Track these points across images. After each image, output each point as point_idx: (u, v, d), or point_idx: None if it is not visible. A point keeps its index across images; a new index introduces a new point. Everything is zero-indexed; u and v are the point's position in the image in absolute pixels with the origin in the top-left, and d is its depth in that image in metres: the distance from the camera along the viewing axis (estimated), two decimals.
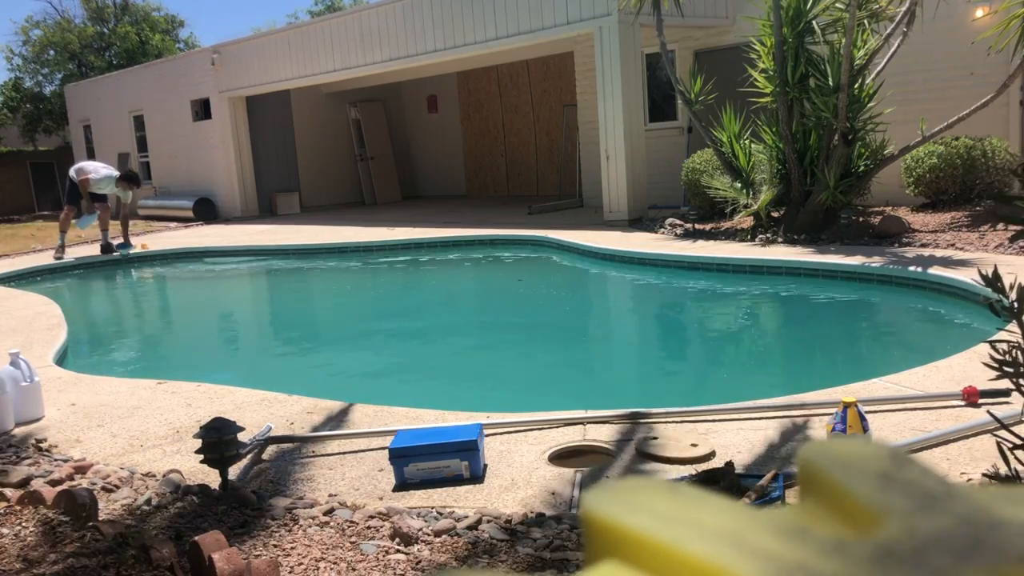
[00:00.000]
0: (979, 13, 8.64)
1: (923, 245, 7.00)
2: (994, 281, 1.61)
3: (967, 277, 5.56)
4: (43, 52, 26.47)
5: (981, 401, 3.15)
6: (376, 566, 2.19)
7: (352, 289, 9.15)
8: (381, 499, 2.69)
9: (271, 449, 3.21)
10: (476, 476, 2.79)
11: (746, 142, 8.55)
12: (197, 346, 6.76)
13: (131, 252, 11.00)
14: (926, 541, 0.24)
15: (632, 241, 8.58)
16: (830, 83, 7.48)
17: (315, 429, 3.39)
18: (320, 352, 6.23)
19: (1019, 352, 1.68)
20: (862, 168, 7.81)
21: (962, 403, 3.19)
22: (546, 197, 14.76)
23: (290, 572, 2.17)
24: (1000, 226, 7.33)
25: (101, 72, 23.59)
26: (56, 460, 3.23)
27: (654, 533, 0.24)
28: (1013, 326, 1.68)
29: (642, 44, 10.58)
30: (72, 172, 10.61)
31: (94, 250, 11.26)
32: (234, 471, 2.88)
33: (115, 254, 10.89)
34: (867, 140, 7.81)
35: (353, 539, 2.35)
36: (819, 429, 3.03)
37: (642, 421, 3.23)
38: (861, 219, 8.10)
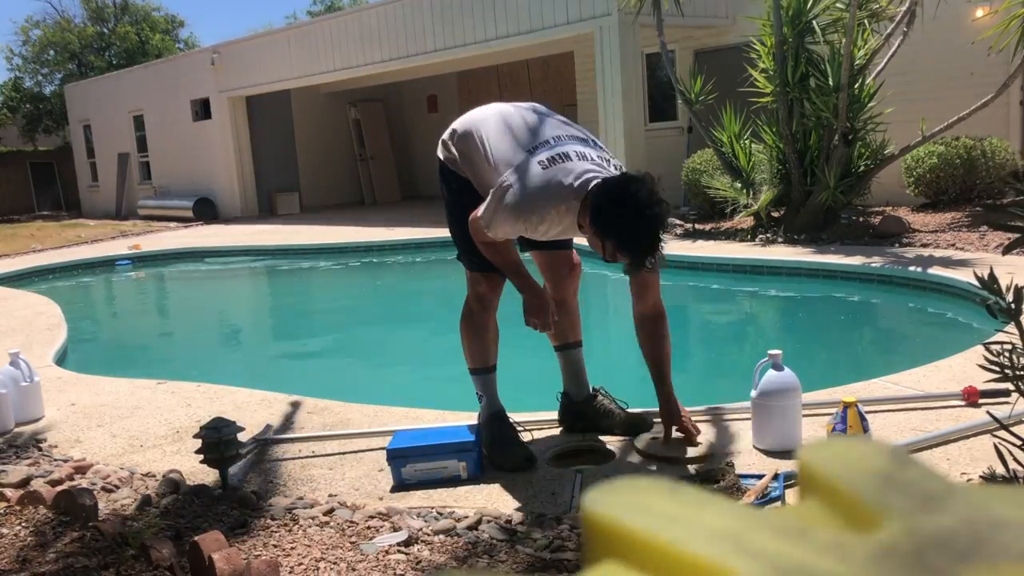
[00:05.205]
0: (979, 13, 8.64)
1: (923, 245, 7.00)
2: (990, 283, 1.61)
3: (967, 277, 5.56)
4: (43, 52, 26.50)
5: (981, 401, 3.15)
6: (376, 566, 2.19)
7: (352, 289, 9.16)
8: (381, 499, 2.69)
9: (271, 449, 3.21)
10: (475, 477, 2.78)
11: (746, 142, 8.55)
12: (197, 346, 6.76)
13: None
14: (926, 541, 0.24)
15: None
16: (830, 83, 7.48)
17: (315, 429, 3.39)
18: (320, 352, 6.23)
19: (1015, 354, 1.68)
20: (862, 168, 7.81)
21: (962, 403, 3.19)
22: None
23: (290, 572, 2.17)
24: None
25: (101, 72, 23.60)
26: (56, 460, 3.23)
27: (654, 533, 0.24)
28: (1012, 327, 1.68)
29: (642, 44, 10.58)
30: None
31: (96, 250, 11.25)
32: (234, 471, 2.88)
33: None
34: (867, 140, 7.81)
35: (353, 539, 2.35)
36: (819, 429, 3.03)
37: None
38: (861, 219, 8.10)
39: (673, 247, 8.04)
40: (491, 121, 2.77)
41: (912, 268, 6.12)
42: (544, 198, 2.54)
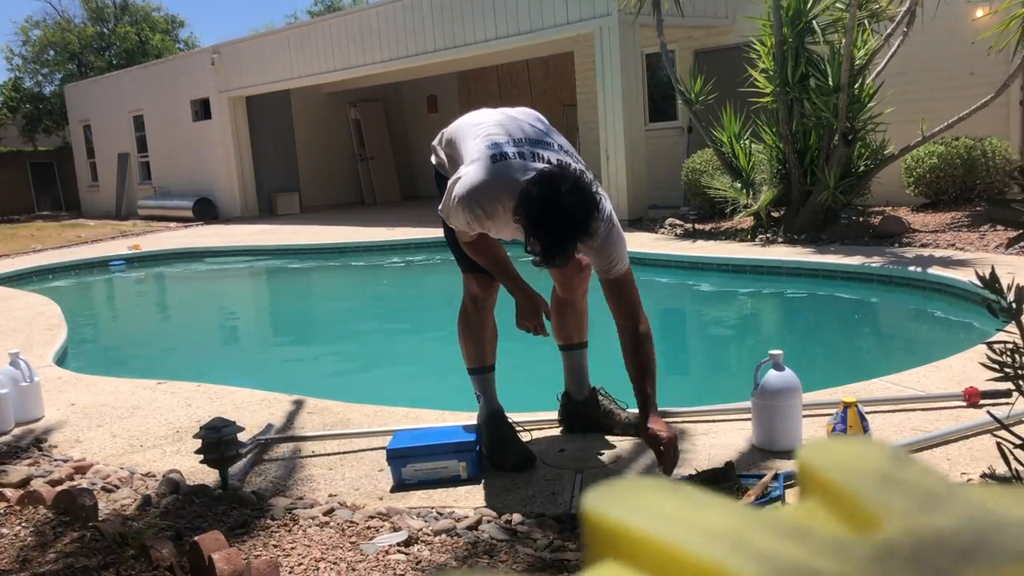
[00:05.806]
0: (979, 13, 8.64)
1: (923, 245, 7.00)
2: (991, 282, 1.61)
3: (967, 277, 5.56)
4: (43, 52, 26.50)
5: (982, 402, 3.15)
6: (376, 566, 2.19)
7: (352, 289, 9.15)
8: (381, 499, 2.69)
9: (271, 449, 3.21)
10: (475, 477, 2.78)
11: (746, 142, 8.55)
12: (197, 346, 6.76)
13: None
14: (926, 541, 0.24)
15: (632, 241, 8.53)
16: (830, 83, 7.48)
17: (315, 429, 3.39)
18: (320, 352, 6.23)
19: (1017, 354, 1.69)
20: (862, 168, 7.81)
21: (963, 404, 3.19)
22: None
23: (290, 572, 2.17)
24: (1000, 226, 7.34)
25: (101, 72, 23.60)
26: (56, 460, 3.23)
27: (654, 533, 0.24)
28: (1012, 327, 1.68)
29: (642, 44, 10.58)
30: None
31: (96, 251, 11.25)
32: (234, 471, 2.88)
33: None
34: (867, 140, 7.81)
35: (353, 539, 2.35)
36: (819, 429, 3.03)
37: None
38: (861, 219, 8.10)
39: (673, 247, 8.04)
40: (469, 125, 2.79)
41: (912, 268, 6.12)
42: (487, 191, 2.52)
